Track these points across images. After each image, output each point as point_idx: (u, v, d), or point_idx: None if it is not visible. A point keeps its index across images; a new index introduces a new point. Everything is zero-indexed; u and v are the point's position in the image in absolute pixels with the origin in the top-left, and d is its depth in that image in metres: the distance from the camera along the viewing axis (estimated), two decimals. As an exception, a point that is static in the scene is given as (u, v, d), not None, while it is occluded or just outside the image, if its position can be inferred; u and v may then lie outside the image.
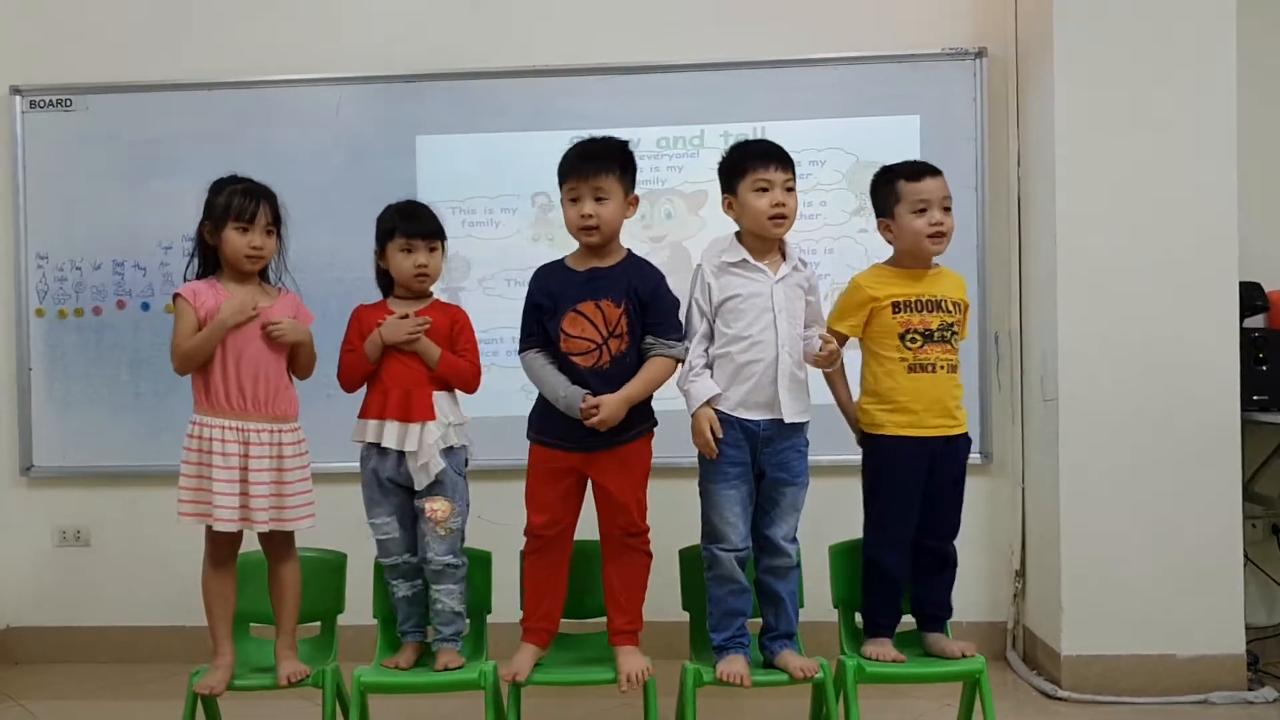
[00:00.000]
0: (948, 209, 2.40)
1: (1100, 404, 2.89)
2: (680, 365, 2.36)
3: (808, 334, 2.36)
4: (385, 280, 2.50)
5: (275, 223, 2.40)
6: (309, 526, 2.40)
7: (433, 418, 2.38)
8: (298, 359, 2.44)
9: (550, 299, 2.34)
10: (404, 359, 2.40)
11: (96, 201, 3.39)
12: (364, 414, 2.44)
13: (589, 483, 2.37)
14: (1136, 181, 2.89)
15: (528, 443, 2.40)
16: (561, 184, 2.36)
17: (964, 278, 2.53)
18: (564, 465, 2.33)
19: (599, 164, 2.32)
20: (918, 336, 2.36)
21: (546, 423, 2.35)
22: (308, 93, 3.36)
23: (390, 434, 2.38)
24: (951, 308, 2.41)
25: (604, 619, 2.42)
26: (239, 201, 2.35)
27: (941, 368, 2.38)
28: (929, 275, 2.43)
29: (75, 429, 3.40)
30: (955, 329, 2.41)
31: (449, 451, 2.40)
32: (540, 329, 2.34)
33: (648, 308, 2.34)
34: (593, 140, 2.40)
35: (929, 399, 2.36)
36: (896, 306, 2.38)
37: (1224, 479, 2.86)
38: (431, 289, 2.49)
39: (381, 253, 2.46)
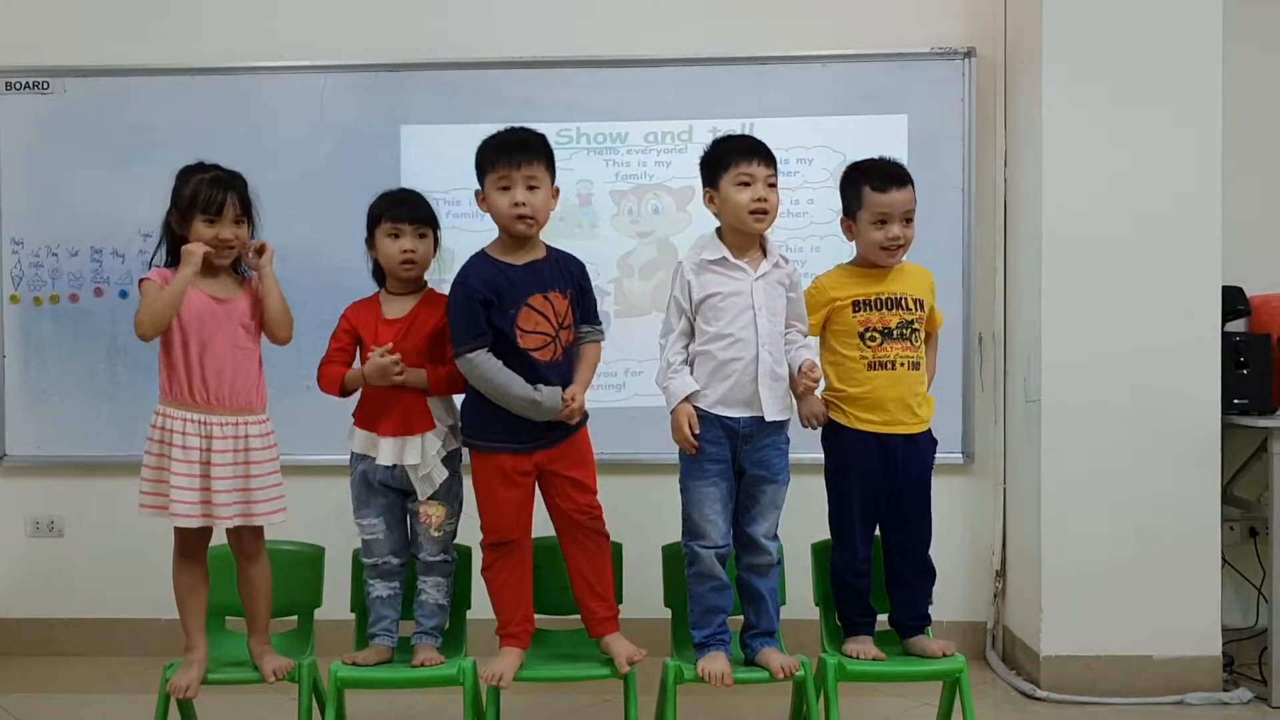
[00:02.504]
0: (909, 220, 2.39)
1: (1082, 405, 2.90)
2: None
3: (788, 333, 2.35)
4: (379, 273, 2.45)
5: (245, 211, 2.33)
6: (280, 521, 2.35)
7: (432, 427, 2.34)
8: (267, 319, 2.33)
9: (496, 295, 2.26)
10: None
11: (74, 186, 3.34)
12: (359, 422, 2.39)
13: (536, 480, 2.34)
14: (1122, 184, 2.90)
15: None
16: (487, 172, 2.29)
17: (948, 275, 2.52)
18: (523, 467, 2.30)
19: (530, 152, 2.28)
20: (876, 334, 2.37)
21: (497, 427, 2.28)
22: (292, 80, 3.32)
23: (387, 451, 2.33)
24: (912, 305, 2.40)
25: (570, 616, 2.40)
26: (206, 192, 2.28)
27: (902, 365, 2.37)
28: (891, 273, 2.42)
29: (50, 418, 3.35)
30: (916, 326, 2.39)
31: (448, 456, 2.38)
32: (490, 327, 2.26)
33: (585, 295, 2.37)
34: (517, 128, 2.35)
35: (889, 396, 2.36)
36: (857, 305, 2.38)
37: (1203, 481, 2.88)
38: (426, 280, 2.45)
39: (371, 241, 2.42)
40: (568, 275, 2.34)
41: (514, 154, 2.27)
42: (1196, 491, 2.88)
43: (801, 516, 2.49)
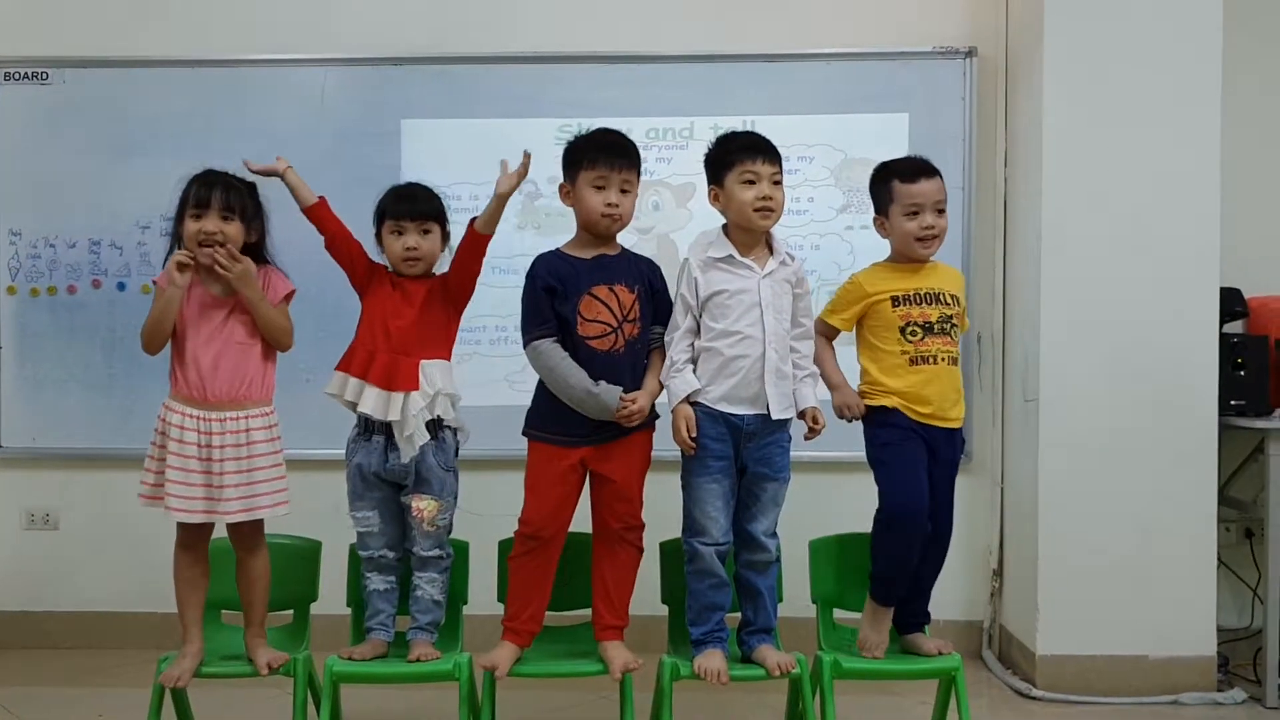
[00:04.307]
0: (941, 211, 2.40)
1: (1080, 406, 2.91)
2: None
3: (795, 354, 2.34)
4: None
5: (240, 210, 2.31)
6: (284, 513, 2.35)
7: (416, 388, 2.32)
8: (261, 330, 2.33)
9: (560, 283, 2.30)
10: (391, 321, 2.34)
11: (73, 178, 3.32)
12: (345, 367, 2.37)
13: (587, 478, 2.35)
14: (1121, 185, 2.90)
15: (525, 439, 2.36)
16: (583, 167, 2.32)
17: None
18: (571, 461, 2.31)
19: (630, 157, 2.34)
20: (918, 329, 2.37)
21: (551, 417, 2.31)
22: (293, 73, 3.31)
23: (370, 399, 2.32)
24: (950, 300, 2.41)
25: (587, 611, 2.39)
26: (195, 189, 2.30)
27: (943, 359, 2.37)
28: (925, 269, 2.43)
29: (46, 410, 3.33)
30: (954, 321, 2.41)
31: (440, 442, 2.36)
32: (554, 314, 2.30)
33: (658, 295, 2.38)
34: (617, 132, 2.39)
35: (932, 391, 2.36)
36: (896, 300, 2.38)
37: (1200, 482, 2.89)
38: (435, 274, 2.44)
39: (378, 237, 2.43)
40: (637, 272, 2.37)
41: (616, 157, 2.31)
42: (1193, 492, 2.88)
43: (801, 515, 2.49)
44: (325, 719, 2.33)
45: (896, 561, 2.35)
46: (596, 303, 2.30)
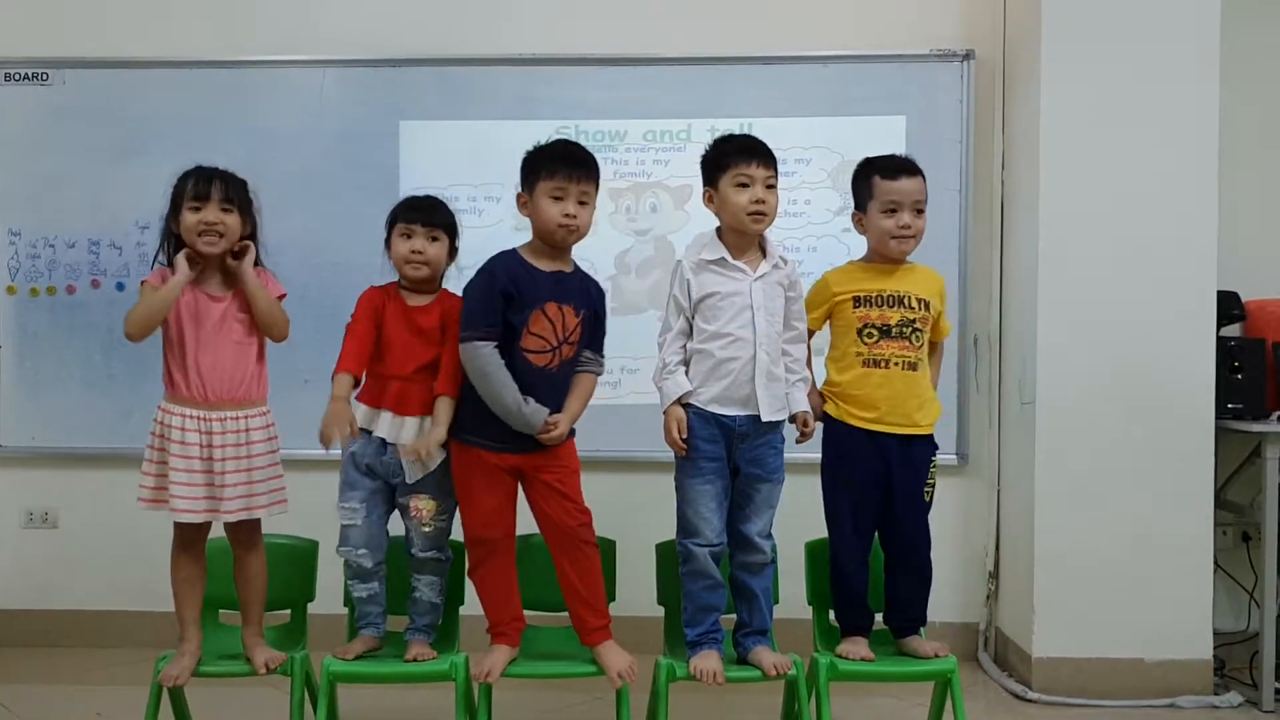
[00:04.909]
0: (920, 211, 2.39)
1: (1077, 408, 2.91)
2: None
3: (788, 358, 2.35)
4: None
5: (234, 201, 2.32)
6: (280, 512, 2.36)
7: (430, 412, 2.33)
8: (257, 320, 2.33)
9: (519, 292, 2.29)
10: (403, 350, 2.35)
11: (72, 178, 3.34)
12: (361, 398, 2.39)
13: (519, 484, 2.35)
14: (1119, 188, 2.91)
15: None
16: (541, 177, 2.31)
17: (944, 277, 2.54)
18: (504, 464, 2.31)
19: (589, 169, 2.33)
20: (874, 331, 2.36)
21: (484, 424, 2.29)
22: (292, 74, 3.32)
23: (384, 424, 2.34)
24: (916, 304, 2.39)
25: (562, 613, 2.39)
26: (193, 181, 2.31)
27: (897, 364, 2.36)
28: (899, 271, 2.42)
29: (45, 409, 3.34)
30: (918, 325, 2.39)
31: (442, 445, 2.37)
32: (502, 320, 2.28)
33: (599, 320, 2.39)
34: (576, 143, 2.39)
35: (883, 395, 2.36)
36: (857, 301, 2.39)
37: (1197, 485, 2.89)
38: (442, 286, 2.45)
39: (388, 243, 2.44)
40: (586, 296, 2.37)
41: (575, 168, 2.30)
42: (1190, 495, 2.88)
43: (796, 515, 2.49)
44: (322, 718, 2.33)
45: (848, 598, 2.40)
46: (545, 319, 2.29)
